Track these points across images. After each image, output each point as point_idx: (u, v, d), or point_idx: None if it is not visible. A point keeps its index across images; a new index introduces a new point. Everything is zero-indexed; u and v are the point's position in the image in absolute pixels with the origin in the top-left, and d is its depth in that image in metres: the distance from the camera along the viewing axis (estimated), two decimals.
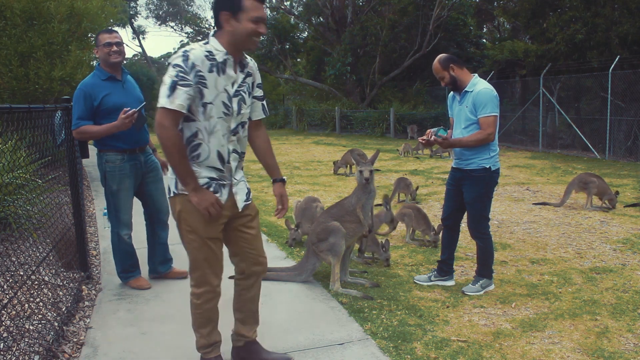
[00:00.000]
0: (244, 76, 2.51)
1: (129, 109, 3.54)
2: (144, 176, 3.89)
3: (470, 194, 3.76)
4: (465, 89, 3.72)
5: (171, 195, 2.52)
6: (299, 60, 29.81)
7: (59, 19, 8.31)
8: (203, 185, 2.44)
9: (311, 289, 3.95)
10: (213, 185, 2.48)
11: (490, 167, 3.70)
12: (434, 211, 6.50)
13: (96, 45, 3.78)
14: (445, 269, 4.04)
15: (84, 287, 3.94)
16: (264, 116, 2.70)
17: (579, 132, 13.81)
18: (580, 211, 6.63)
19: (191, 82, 2.32)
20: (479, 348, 3.00)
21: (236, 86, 2.48)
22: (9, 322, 3.05)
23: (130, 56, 38.71)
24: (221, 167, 2.50)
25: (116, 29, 4.13)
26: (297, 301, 3.72)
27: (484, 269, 3.90)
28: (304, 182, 9.33)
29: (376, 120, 20.38)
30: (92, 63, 9.04)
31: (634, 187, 8.27)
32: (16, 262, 4.05)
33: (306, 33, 27.54)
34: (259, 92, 2.64)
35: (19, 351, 2.76)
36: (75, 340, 3.11)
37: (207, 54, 2.37)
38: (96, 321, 3.40)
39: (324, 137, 20.42)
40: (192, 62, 2.32)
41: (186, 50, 2.36)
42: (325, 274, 4.18)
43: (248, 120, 2.62)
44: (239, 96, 2.49)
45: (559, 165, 11.45)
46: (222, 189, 2.51)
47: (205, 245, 2.50)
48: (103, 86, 3.67)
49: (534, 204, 7.11)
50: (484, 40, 25.01)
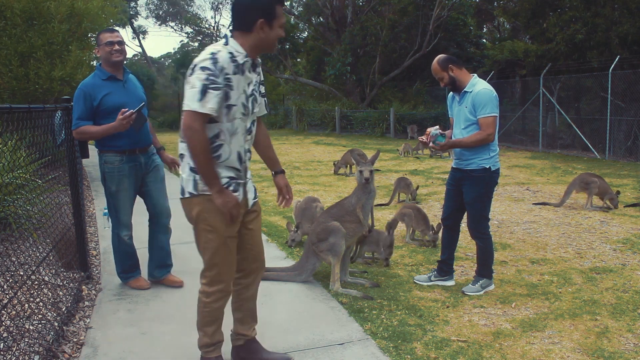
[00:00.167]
0: (256, 76, 2.55)
1: (127, 109, 3.51)
2: (144, 177, 3.84)
3: (470, 194, 3.77)
4: (465, 90, 3.72)
5: (187, 197, 2.49)
6: (299, 60, 29.81)
7: (59, 19, 8.31)
8: (223, 185, 2.47)
9: (311, 289, 3.95)
10: (233, 185, 2.51)
11: (490, 167, 3.70)
12: (434, 211, 6.51)
13: (97, 44, 3.75)
14: (445, 269, 4.05)
15: (84, 287, 3.94)
16: (266, 112, 2.72)
17: (579, 132, 13.81)
18: (580, 211, 6.63)
19: (221, 85, 2.34)
20: (479, 348, 3.00)
21: (252, 86, 2.51)
22: (9, 322, 3.05)
23: (130, 56, 38.72)
24: (239, 166, 2.54)
25: (116, 29, 4.10)
26: (297, 301, 3.72)
27: (484, 269, 3.90)
28: (304, 182, 9.32)
29: (376, 120, 20.37)
30: (92, 63, 9.04)
31: (634, 187, 8.27)
32: (16, 262, 4.05)
33: (306, 33, 27.55)
34: (262, 89, 2.68)
35: (19, 351, 2.76)
36: (75, 340, 3.12)
37: (230, 55, 2.39)
38: (96, 321, 3.40)
39: (324, 137, 20.41)
40: (221, 65, 2.34)
41: (214, 53, 2.35)
42: (325, 274, 4.19)
43: None
44: (253, 96, 2.53)
45: (559, 165, 11.45)
46: (240, 187, 2.56)
47: (225, 245, 2.52)
48: (103, 86, 3.64)
49: (534, 204, 7.11)
50: (484, 40, 24.99)
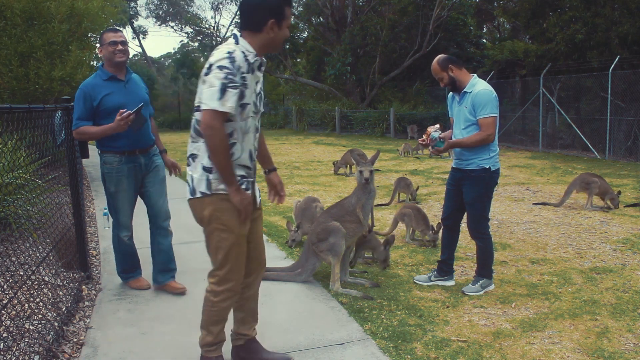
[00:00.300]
0: (261, 74, 2.57)
1: (124, 110, 3.47)
2: (144, 178, 3.80)
3: (470, 194, 3.77)
4: (465, 90, 3.72)
5: (198, 197, 2.48)
6: (299, 60, 29.80)
7: (59, 19, 8.31)
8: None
9: (311, 289, 3.95)
10: (244, 183, 2.53)
11: (490, 167, 3.70)
12: (434, 211, 6.51)
13: (100, 44, 3.71)
14: (445, 269, 4.04)
15: (84, 287, 3.94)
16: (264, 111, 2.74)
17: (579, 132, 13.81)
18: (580, 211, 6.63)
19: (238, 84, 2.36)
20: (479, 348, 3.00)
21: (259, 85, 2.54)
22: (9, 322, 3.05)
23: (130, 56, 38.68)
24: (250, 164, 2.56)
25: (119, 29, 4.08)
26: (297, 301, 3.72)
27: (484, 269, 3.90)
28: (304, 182, 9.32)
29: (376, 120, 20.37)
30: (92, 63, 9.04)
31: (634, 187, 8.27)
32: (16, 262, 4.05)
33: (306, 33, 27.54)
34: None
35: (19, 351, 2.76)
36: (75, 340, 3.11)
37: (244, 54, 2.41)
38: (96, 321, 3.40)
39: (324, 137, 20.41)
40: (238, 64, 2.36)
41: (230, 52, 2.37)
42: (325, 274, 4.19)
43: None
44: (260, 94, 2.56)
45: (559, 165, 11.45)
46: (250, 186, 2.58)
47: (238, 243, 2.53)
48: (104, 86, 3.62)
49: (534, 204, 7.11)
50: (484, 40, 24.98)
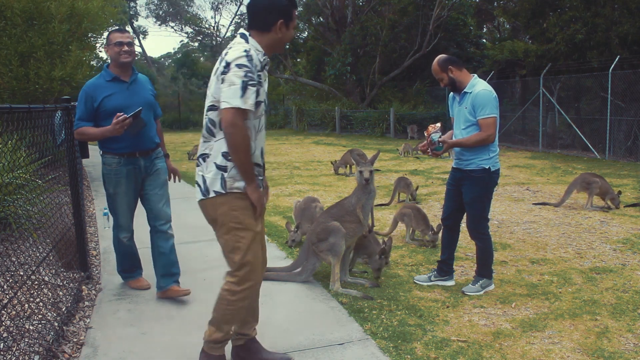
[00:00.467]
0: (266, 74, 2.60)
1: (122, 114, 3.41)
2: (144, 181, 3.75)
3: (470, 194, 3.77)
4: (465, 90, 3.72)
5: (211, 196, 2.48)
6: (299, 60, 29.80)
7: (59, 19, 8.31)
8: None
9: (311, 289, 3.95)
10: (257, 181, 2.55)
11: (489, 167, 3.70)
12: (434, 211, 6.50)
13: (107, 44, 3.69)
14: (445, 269, 4.05)
15: (84, 287, 3.94)
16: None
17: (579, 132, 13.81)
18: (580, 211, 6.63)
19: (256, 82, 2.39)
20: (479, 348, 3.00)
21: (266, 84, 2.56)
22: (9, 322, 3.05)
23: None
24: (261, 162, 2.58)
25: (127, 29, 4.07)
26: (297, 301, 3.72)
27: (484, 269, 3.90)
28: (304, 182, 9.32)
29: (376, 120, 20.37)
30: (92, 63, 9.03)
31: (634, 187, 8.27)
32: (16, 262, 4.05)
33: (306, 33, 27.52)
34: None
35: (19, 351, 2.76)
36: (75, 340, 3.11)
37: (257, 53, 2.44)
38: (96, 321, 3.40)
39: (324, 137, 20.41)
40: (255, 63, 2.39)
41: (247, 50, 2.40)
42: (325, 274, 4.19)
43: None
44: (266, 92, 2.58)
45: (559, 165, 11.45)
46: (261, 183, 2.61)
47: (255, 240, 2.55)
48: (106, 87, 3.59)
49: (534, 204, 7.11)
50: (484, 40, 24.98)
